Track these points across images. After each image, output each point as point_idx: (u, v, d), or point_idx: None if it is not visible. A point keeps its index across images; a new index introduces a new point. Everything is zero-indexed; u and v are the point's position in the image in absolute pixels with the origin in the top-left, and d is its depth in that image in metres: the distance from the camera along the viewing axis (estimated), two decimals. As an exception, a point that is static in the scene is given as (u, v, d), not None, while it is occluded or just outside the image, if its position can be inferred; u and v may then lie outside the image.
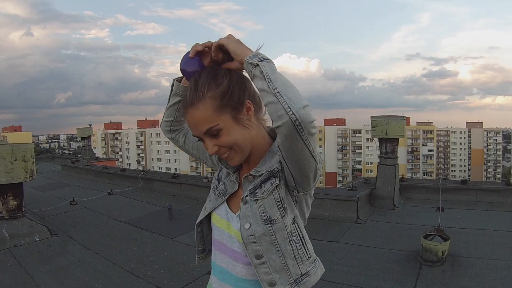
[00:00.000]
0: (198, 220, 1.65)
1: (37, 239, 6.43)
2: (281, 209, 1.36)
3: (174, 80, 1.59)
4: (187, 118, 1.37)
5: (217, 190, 1.58)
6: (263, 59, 1.21)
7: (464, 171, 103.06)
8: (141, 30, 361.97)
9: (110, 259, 5.74)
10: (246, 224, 1.36)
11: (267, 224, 1.35)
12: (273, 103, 1.14)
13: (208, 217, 1.62)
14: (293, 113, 1.10)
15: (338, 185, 76.74)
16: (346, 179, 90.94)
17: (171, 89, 1.60)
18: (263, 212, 1.35)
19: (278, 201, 1.37)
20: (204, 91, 1.29)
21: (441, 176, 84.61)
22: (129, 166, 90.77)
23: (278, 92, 1.13)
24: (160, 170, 53.68)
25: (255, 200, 1.37)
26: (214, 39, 1.34)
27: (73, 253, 6.01)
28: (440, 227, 5.67)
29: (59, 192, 11.28)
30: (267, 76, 1.17)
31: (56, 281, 4.94)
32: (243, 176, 1.46)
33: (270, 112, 1.17)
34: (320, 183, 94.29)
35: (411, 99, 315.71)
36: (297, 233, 1.41)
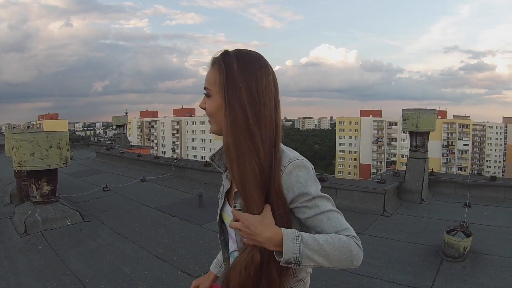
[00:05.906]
0: (218, 229, 1.64)
1: (69, 223, 6.70)
2: None
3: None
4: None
5: (220, 192, 1.60)
6: (299, 258, 1.20)
7: (499, 167, 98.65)
8: (180, 20, 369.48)
9: (138, 244, 5.91)
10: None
11: None
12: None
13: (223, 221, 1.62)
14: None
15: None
16: (380, 171, 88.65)
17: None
18: None
19: None
20: (229, 68, 1.33)
21: (472, 172, 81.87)
22: (164, 154, 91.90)
23: (333, 267, 1.24)
24: (194, 159, 54.09)
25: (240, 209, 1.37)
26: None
27: (103, 237, 6.22)
28: (465, 223, 5.56)
29: (92, 179, 11.66)
30: (315, 265, 1.24)
31: (85, 263, 5.12)
32: None
33: None
34: (354, 174, 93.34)
35: (448, 92, 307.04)
36: None
